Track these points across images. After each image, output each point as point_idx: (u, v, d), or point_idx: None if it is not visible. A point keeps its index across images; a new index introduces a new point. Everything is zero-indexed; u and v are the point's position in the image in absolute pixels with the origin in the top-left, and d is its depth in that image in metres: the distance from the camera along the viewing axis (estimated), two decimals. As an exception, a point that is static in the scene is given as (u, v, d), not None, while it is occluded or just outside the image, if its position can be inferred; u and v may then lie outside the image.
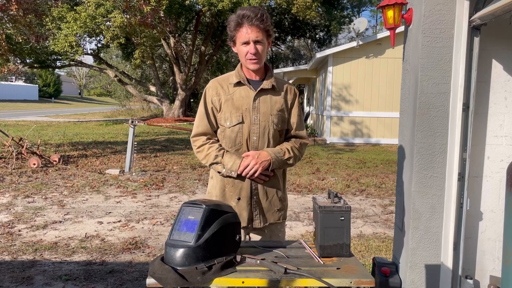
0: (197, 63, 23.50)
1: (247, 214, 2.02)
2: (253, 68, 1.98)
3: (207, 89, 2.07)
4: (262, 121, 1.99)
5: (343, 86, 13.74)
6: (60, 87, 59.90)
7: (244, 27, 1.91)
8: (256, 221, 2.04)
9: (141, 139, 13.76)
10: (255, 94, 2.00)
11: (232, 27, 1.94)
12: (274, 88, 2.03)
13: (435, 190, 2.38)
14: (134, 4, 13.05)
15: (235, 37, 1.96)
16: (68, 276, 3.42)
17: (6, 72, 13.85)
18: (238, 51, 1.99)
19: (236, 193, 2.01)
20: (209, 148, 1.99)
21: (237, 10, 1.95)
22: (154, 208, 5.59)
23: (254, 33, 1.90)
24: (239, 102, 2.00)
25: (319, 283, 1.49)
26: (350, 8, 33.01)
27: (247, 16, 1.89)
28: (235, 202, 2.02)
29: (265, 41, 1.95)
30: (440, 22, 2.31)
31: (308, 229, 4.77)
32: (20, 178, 7.20)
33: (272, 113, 2.01)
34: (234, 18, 1.94)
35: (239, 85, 2.02)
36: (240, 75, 2.02)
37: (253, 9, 1.90)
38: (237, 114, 1.98)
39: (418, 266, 2.41)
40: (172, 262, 1.51)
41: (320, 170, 8.66)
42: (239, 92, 2.01)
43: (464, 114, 2.38)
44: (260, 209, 2.03)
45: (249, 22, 1.89)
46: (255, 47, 1.92)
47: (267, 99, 2.02)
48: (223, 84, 2.05)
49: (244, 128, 1.99)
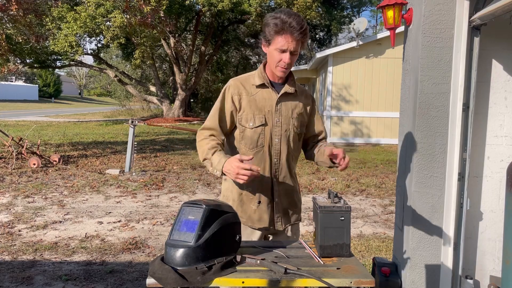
0: (197, 63, 23.50)
1: (268, 216, 2.01)
2: (282, 75, 1.98)
3: (228, 87, 2.02)
4: (284, 124, 2.00)
5: (343, 86, 13.74)
6: (60, 87, 59.90)
7: (286, 35, 1.87)
8: (278, 223, 2.03)
9: (141, 139, 13.75)
10: (278, 97, 2.00)
11: (272, 30, 1.88)
12: (296, 93, 2.05)
13: (435, 190, 2.38)
14: (134, 4, 13.05)
15: (273, 40, 1.91)
16: (68, 276, 3.42)
17: (6, 72, 13.84)
18: (270, 54, 1.94)
19: (256, 196, 2.00)
20: (206, 144, 1.93)
21: (280, 13, 1.88)
22: (154, 208, 5.59)
23: (294, 44, 1.88)
24: (261, 103, 1.98)
25: (319, 283, 1.49)
26: (350, 8, 33.01)
27: (292, 25, 1.85)
28: (255, 205, 2.00)
29: (298, 51, 1.94)
30: (440, 22, 2.31)
31: (308, 229, 4.77)
32: (20, 178, 7.20)
33: (293, 117, 2.02)
34: (278, 22, 1.86)
35: (262, 87, 2.01)
36: (264, 77, 2.01)
37: (298, 19, 1.86)
38: (260, 116, 1.97)
39: (418, 266, 2.41)
40: (172, 262, 1.51)
41: (320, 170, 8.65)
42: (262, 94, 2.00)
43: (464, 114, 2.38)
44: (281, 211, 2.04)
45: (293, 32, 1.86)
46: (290, 57, 1.90)
47: (289, 103, 2.02)
48: (245, 84, 2.02)
49: (266, 130, 1.98)
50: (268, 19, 1.92)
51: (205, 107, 29.51)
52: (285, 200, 2.05)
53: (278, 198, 2.02)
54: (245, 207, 2.00)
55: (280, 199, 2.03)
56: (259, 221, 2.00)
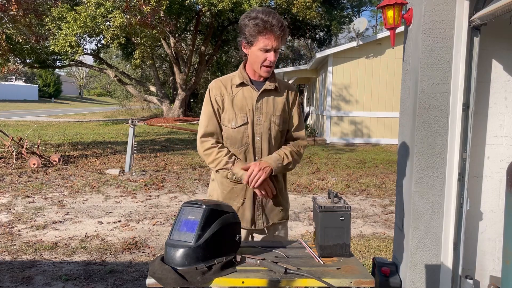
0: (197, 63, 23.51)
1: (250, 214, 2.02)
2: (266, 75, 1.99)
3: (211, 89, 2.04)
4: (264, 122, 2.00)
5: (343, 86, 13.74)
6: (60, 87, 59.92)
7: (268, 35, 1.88)
8: (259, 221, 2.04)
9: (141, 139, 13.76)
10: (258, 94, 2.00)
11: (254, 31, 1.89)
12: (277, 89, 2.04)
13: (435, 190, 2.38)
14: (134, 4, 13.05)
15: (255, 41, 1.91)
16: (68, 276, 3.42)
17: (6, 72, 13.85)
18: (254, 55, 1.95)
19: (241, 194, 2.01)
20: (218, 153, 1.96)
21: (257, 13, 1.89)
22: (154, 208, 5.59)
23: (277, 42, 1.90)
24: (242, 102, 1.99)
25: (319, 283, 1.49)
26: (350, 8, 32.98)
27: (272, 24, 1.86)
28: (239, 203, 2.02)
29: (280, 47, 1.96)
30: (440, 22, 2.31)
31: (308, 229, 4.77)
32: (20, 178, 7.20)
33: (274, 114, 2.01)
34: (258, 23, 1.87)
35: (242, 86, 2.02)
36: (243, 75, 2.01)
37: (277, 17, 1.88)
38: (242, 115, 1.98)
39: (418, 266, 2.41)
40: (172, 262, 1.51)
41: (320, 170, 8.65)
42: (242, 93, 2.01)
43: (464, 114, 2.38)
44: (263, 210, 2.04)
45: (274, 31, 1.87)
46: (275, 55, 1.92)
47: (270, 100, 2.02)
48: (226, 85, 2.03)
49: (249, 129, 1.99)
50: (245, 20, 1.92)
51: (205, 107, 29.45)
52: (270, 200, 2.05)
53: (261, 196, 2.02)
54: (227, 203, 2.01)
55: (262, 198, 2.03)
56: (241, 219, 2.00)
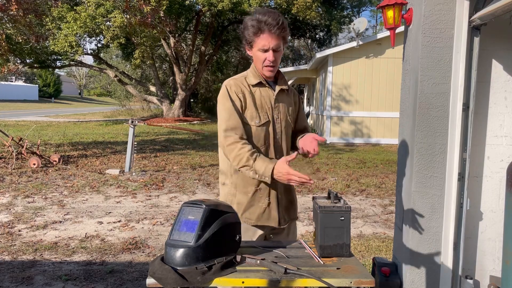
0: (197, 63, 23.50)
1: (277, 214, 2.03)
2: (269, 75, 2.00)
3: (229, 86, 1.99)
4: (283, 121, 2.04)
5: (343, 86, 13.74)
6: (60, 87, 59.90)
7: (265, 34, 1.89)
8: (282, 220, 2.06)
9: (141, 139, 13.75)
10: (276, 94, 2.03)
11: (251, 32, 1.91)
12: (288, 90, 2.11)
13: (435, 190, 2.38)
14: (134, 4, 13.05)
15: (254, 42, 1.93)
16: (68, 276, 3.42)
17: (6, 72, 13.85)
18: (255, 56, 1.97)
19: (265, 195, 2.00)
20: (241, 149, 1.86)
21: (255, 13, 1.90)
22: (154, 208, 5.59)
23: (274, 41, 1.90)
24: (261, 101, 2.01)
25: (319, 283, 1.49)
26: (350, 8, 33.00)
27: (268, 23, 1.87)
28: (265, 204, 2.00)
29: (282, 48, 1.96)
30: (440, 22, 2.31)
31: (308, 229, 4.77)
32: (20, 178, 7.20)
33: (289, 113, 2.08)
34: (254, 24, 1.89)
35: (259, 86, 2.02)
36: (259, 75, 2.02)
37: (273, 15, 1.88)
38: (263, 113, 1.99)
39: (418, 266, 2.41)
40: (172, 262, 1.51)
41: (320, 170, 8.66)
42: (260, 92, 2.02)
43: (464, 114, 2.38)
44: (284, 209, 2.07)
45: (271, 30, 1.88)
46: (274, 55, 1.92)
47: (284, 99, 2.08)
48: (243, 84, 2.02)
49: (270, 128, 2.01)
50: (246, 22, 1.93)
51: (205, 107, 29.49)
52: (286, 198, 2.08)
53: (281, 195, 2.04)
54: (254, 208, 2.00)
55: (282, 196, 2.06)
56: (268, 219, 2.01)
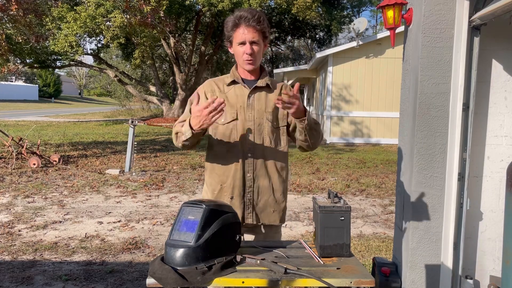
0: (197, 63, 23.48)
1: (240, 212, 2.00)
2: (249, 68, 2.01)
3: (202, 85, 2.10)
4: (256, 118, 2.01)
5: (343, 86, 13.74)
6: (60, 87, 59.87)
7: (241, 28, 1.94)
8: (249, 219, 2.01)
9: (141, 139, 13.75)
10: (250, 91, 2.02)
11: (229, 28, 1.97)
12: (269, 86, 2.06)
13: (435, 190, 2.38)
14: (134, 4, 13.05)
15: (232, 37, 1.99)
16: (68, 276, 3.42)
17: (6, 72, 13.84)
18: (234, 52, 2.02)
19: (229, 191, 2.00)
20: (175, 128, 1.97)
21: (235, 12, 1.98)
22: (154, 208, 5.59)
23: (251, 33, 1.93)
24: (234, 100, 2.02)
25: (319, 283, 1.49)
26: (350, 8, 32.99)
27: (244, 17, 1.93)
28: (227, 201, 2.00)
29: (261, 42, 1.98)
30: (440, 22, 2.31)
31: (308, 229, 4.77)
32: (20, 178, 7.20)
33: (267, 110, 2.02)
34: (231, 19, 1.97)
35: (233, 84, 2.05)
36: (235, 74, 2.05)
37: (251, 10, 1.95)
38: (232, 112, 2.00)
39: (418, 266, 2.41)
40: (172, 262, 1.51)
41: (320, 170, 8.65)
42: (234, 91, 2.04)
43: (464, 114, 2.38)
44: (253, 208, 2.01)
45: (246, 23, 1.93)
46: (251, 47, 1.95)
47: (262, 97, 2.03)
48: (218, 83, 2.08)
49: (238, 125, 2.00)
50: (226, 20, 2.00)
51: (205, 107, 29.41)
52: (260, 198, 2.01)
53: (250, 194, 2.00)
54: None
55: (252, 196, 2.00)
56: None
